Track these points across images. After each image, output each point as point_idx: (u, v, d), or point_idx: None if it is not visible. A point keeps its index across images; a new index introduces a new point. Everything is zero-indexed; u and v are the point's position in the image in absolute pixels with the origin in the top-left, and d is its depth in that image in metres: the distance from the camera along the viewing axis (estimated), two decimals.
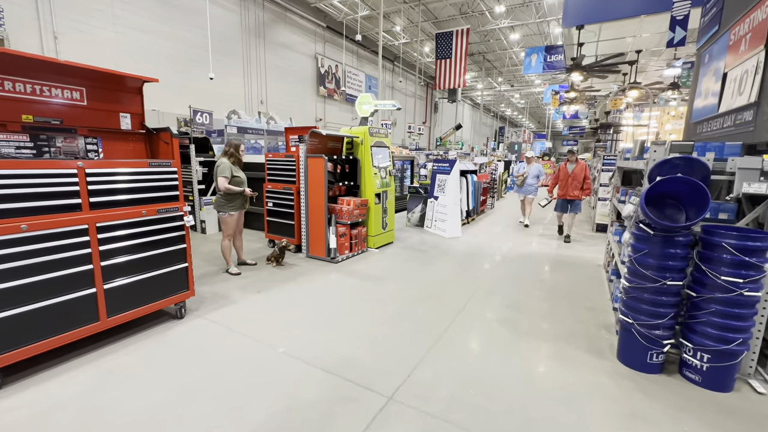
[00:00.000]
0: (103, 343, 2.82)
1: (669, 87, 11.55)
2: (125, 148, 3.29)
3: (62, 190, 2.46)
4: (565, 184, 6.54)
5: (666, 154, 2.70)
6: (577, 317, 3.51)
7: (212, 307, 3.55)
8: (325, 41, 16.81)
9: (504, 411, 2.18)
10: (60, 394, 2.23)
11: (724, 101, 3.46)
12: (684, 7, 5.02)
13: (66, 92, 2.82)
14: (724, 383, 2.40)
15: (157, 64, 10.19)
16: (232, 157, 4.36)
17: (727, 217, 2.69)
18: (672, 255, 2.47)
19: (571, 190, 6.48)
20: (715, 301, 2.36)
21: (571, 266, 5.17)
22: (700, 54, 4.38)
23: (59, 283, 2.46)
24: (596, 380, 2.51)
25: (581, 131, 30.19)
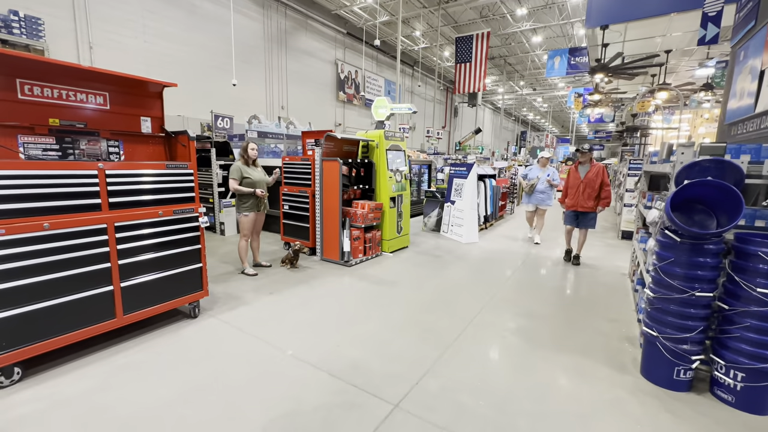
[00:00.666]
0: (119, 340, 2.90)
1: (701, 88, 10.98)
2: (145, 151, 3.40)
3: (83, 191, 2.55)
4: (576, 192, 5.15)
5: (695, 157, 2.54)
6: (598, 329, 3.34)
7: (225, 307, 3.59)
8: (345, 47, 17.03)
9: (513, 426, 2.08)
10: (70, 390, 2.29)
11: (761, 100, 3.23)
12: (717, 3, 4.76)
13: (90, 97, 2.94)
14: (761, 405, 2.20)
15: (183, 71, 10.59)
16: (243, 159, 4.45)
17: (764, 224, 2.49)
18: (701, 264, 2.30)
19: (583, 200, 5.10)
20: (750, 315, 2.18)
21: (594, 275, 4.95)
22: (734, 52, 4.13)
23: (78, 280, 2.55)
24: (616, 396, 2.36)
25: (607, 135, 29.21)
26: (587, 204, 5.10)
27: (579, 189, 5.14)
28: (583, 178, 5.09)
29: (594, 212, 5.12)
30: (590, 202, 5.09)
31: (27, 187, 2.30)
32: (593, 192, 5.05)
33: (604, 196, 5.06)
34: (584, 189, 5.08)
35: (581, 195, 5.09)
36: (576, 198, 5.16)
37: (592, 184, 5.03)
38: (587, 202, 5.10)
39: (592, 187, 5.04)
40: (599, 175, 5.02)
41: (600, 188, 5.03)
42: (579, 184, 5.16)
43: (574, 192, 5.21)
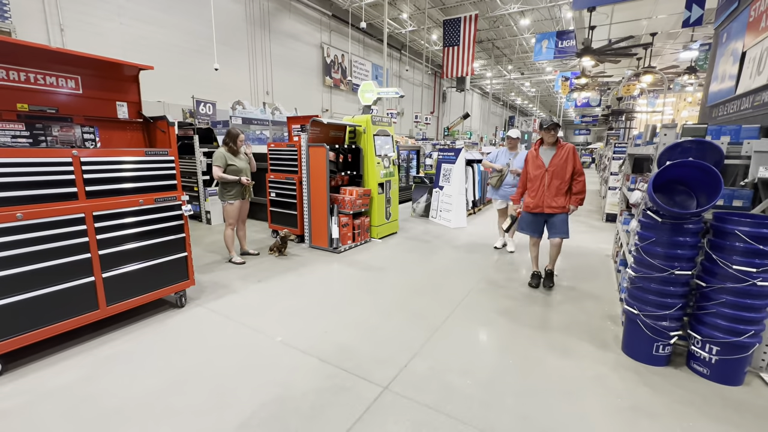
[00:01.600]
0: (103, 331, 2.85)
1: (685, 71, 11.11)
2: (123, 137, 3.28)
3: (57, 179, 2.46)
4: (539, 186, 3.68)
5: (677, 138, 2.57)
6: (582, 308, 3.42)
7: (213, 296, 3.56)
8: (330, 30, 16.61)
9: (500, 403, 2.13)
10: (56, 382, 2.25)
11: (741, 82, 3.28)
12: None
13: (61, 80, 2.81)
14: (734, 376, 2.30)
15: (163, 55, 10.20)
16: (228, 146, 4.31)
17: (742, 204, 2.56)
18: (681, 243, 2.36)
19: (550, 197, 3.64)
20: (726, 292, 2.25)
21: (578, 256, 5.05)
22: (717, 34, 4.16)
23: (57, 272, 2.48)
24: (598, 372, 2.44)
25: (594, 120, 29.52)
26: (555, 203, 3.62)
27: (543, 182, 3.65)
28: (548, 166, 3.61)
29: (565, 213, 3.67)
30: (559, 200, 3.62)
31: None
32: (563, 184, 3.60)
33: (577, 190, 3.60)
34: (550, 181, 3.60)
35: (546, 190, 3.64)
36: (540, 195, 3.67)
37: (561, 173, 3.57)
38: (555, 199, 3.62)
39: (561, 178, 3.58)
40: (569, 159, 3.56)
41: (572, 178, 3.60)
42: (542, 175, 3.64)
43: (536, 186, 3.70)
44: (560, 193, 3.64)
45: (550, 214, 3.70)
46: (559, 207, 3.65)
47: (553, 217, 3.69)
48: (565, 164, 3.59)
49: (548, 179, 3.64)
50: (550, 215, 3.70)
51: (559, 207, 3.65)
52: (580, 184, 3.63)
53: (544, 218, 3.76)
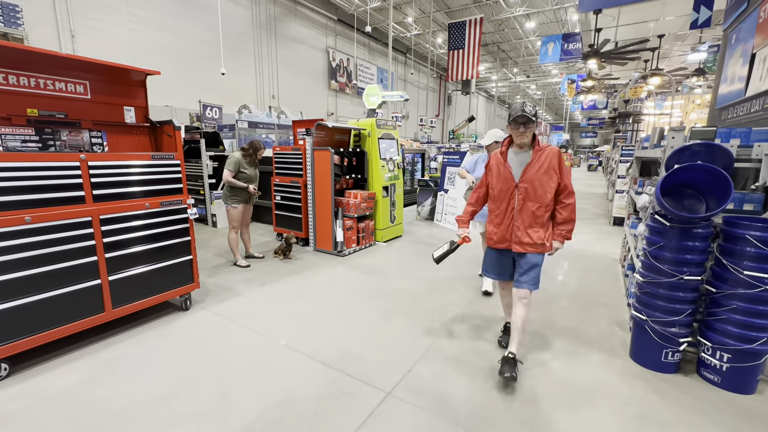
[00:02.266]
0: (109, 334, 2.87)
1: (694, 73, 10.98)
2: (130, 142, 3.31)
3: (65, 183, 2.49)
4: (506, 208, 2.47)
5: (685, 141, 2.53)
6: (589, 313, 3.38)
7: (217, 299, 3.57)
8: (336, 34, 16.71)
9: (505, 410, 2.10)
10: (60, 385, 2.26)
11: (751, 84, 3.23)
12: None
13: (69, 86, 2.85)
14: (746, 385, 2.25)
15: (171, 60, 10.34)
16: (247, 155, 4.38)
17: (753, 208, 2.51)
18: (690, 248, 2.31)
19: (520, 226, 2.42)
20: (736, 298, 2.20)
21: (585, 261, 4.99)
22: (726, 35, 4.11)
23: (64, 275, 2.50)
24: (606, 379, 2.39)
25: (601, 122, 29.28)
26: (529, 236, 2.38)
27: (510, 204, 2.42)
28: (519, 180, 2.37)
29: (541, 254, 2.42)
30: (535, 232, 2.38)
31: (6, 180, 2.23)
32: (542, 209, 2.36)
33: (564, 218, 2.40)
34: (522, 203, 2.38)
35: (517, 216, 2.40)
36: (507, 224, 2.44)
37: (539, 191, 2.34)
38: (529, 231, 2.38)
39: (538, 199, 2.35)
40: (552, 170, 2.32)
41: (555, 200, 2.40)
42: (510, 193, 2.41)
43: (501, 209, 2.46)
44: (537, 222, 2.34)
45: (522, 254, 2.42)
46: (533, 244, 2.36)
47: (524, 258, 2.41)
48: (545, 177, 2.29)
49: (519, 200, 2.35)
50: (522, 255, 2.42)
51: (533, 244, 2.36)
52: (569, 208, 2.36)
53: (511, 258, 2.52)
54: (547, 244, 2.40)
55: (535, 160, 2.34)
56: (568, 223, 2.41)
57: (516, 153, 2.43)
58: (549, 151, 2.35)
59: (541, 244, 2.39)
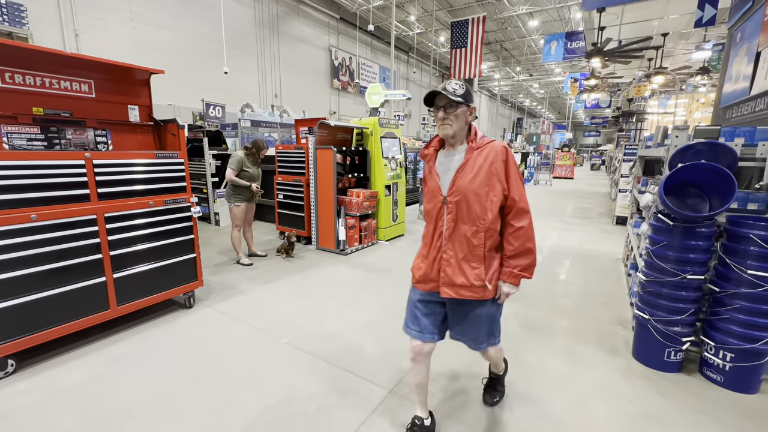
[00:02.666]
0: (113, 331, 2.89)
1: (698, 72, 10.92)
2: (134, 140, 3.33)
3: (70, 181, 2.51)
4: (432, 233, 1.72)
5: (689, 140, 2.53)
6: (591, 312, 3.37)
7: (221, 297, 3.59)
8: (338, 33, 16.71)
9: (508, 407, 2.11)
10: (65, 381, 2.29)
11: (756, 83, 3.22)
12: None
13: (75, 84, 2.87)
14: (749, 384, 2.24)
15: (174, 59, 10.37)
16: (249, 153, 4.41)
17: (757, 207, 2.49)
18: (693, 247, 2.31)
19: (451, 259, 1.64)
20: (740, 297, 2.20)
21: (588, 260, 4.98)
22: (731, 33, 4.09)
23: (70, 272, 2.52)
24: (608, 378, 2.39)
25: (604, 121, 29.16)
26: (465, 275, 1.64)
27: (437, 226, 1.70)
28: (449, 189, 1.64)
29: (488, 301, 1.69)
30: (473, 269, 1.63)
31: (12, 178, 2.25)
32: (480, 234, 1.61)
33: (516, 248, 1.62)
34: (454, 223, 1.64)
35: (447, 244, 1.66)
36: (434, 255, 1.72)
37: (476, 206, 1.60)
38: (465, 267, 1.64)
39: (473, 220, 1.61)
40: (493, 174, 1.58)
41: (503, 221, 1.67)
42: (437, 207, 1.69)
43: (429, 235, 1.76)
44: (475, 253, 1.62)
45: (456, 301, 1.70)
46: (469, 286, 1.63)
47: (461, 307, 1.72)
48: (483, 188, 1.58)
49: (448, 221, 1.64)
50: (457, 303, 1.71)
51: (469, 286, 1.63)
52: (521, 235, 1.61)
53: (442, 307, 1.78)
54: (490, 286, 1.59)
55: (468, 163, 1.56)
56: (521, 256, 1.58)
57: (446, 154, 1.66)
58: (490, 149, 1.57)
59: (481, 287, 1.58)
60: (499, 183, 1.58)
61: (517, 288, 1.65)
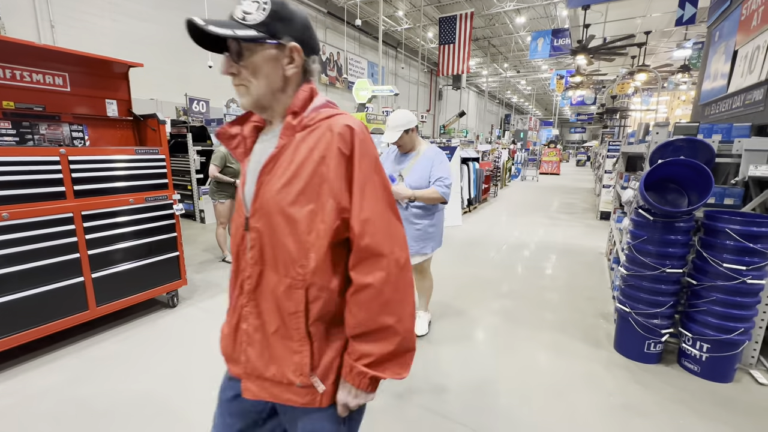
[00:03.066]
0: (94, 332, 2.82)
1: (679, 70, 11.17)
2: (112, 136, 3.23)
3: (44, 178, 2.41)
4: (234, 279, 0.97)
5: (669, 136, 2.58)
6: (575, 306, 3.44)
7: (205, 295, 3.53)
8: (326, 28, 16.51)
9: (492, 399, 2.13)
10: (42, 384, 2.22)
11: (733, 81, 3.30)
12: None
13: (48, 78, 2.76)
14: (724, 373, 2.32)
15: (155, 52, 10.09)
16: None
17: (732, 202, 2.57)
18: (672, 242, 2.37)
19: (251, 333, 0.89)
20: (716, 290, 2.27)
21: (573, 255, 5.07)
22: (710, 32, 4.18)
23: (46, 272, 2.44)
24: (590, 370, 2.44)
25: (589, 118, 29.62)
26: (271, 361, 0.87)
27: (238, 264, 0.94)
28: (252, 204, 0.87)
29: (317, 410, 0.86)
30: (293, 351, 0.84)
31: None
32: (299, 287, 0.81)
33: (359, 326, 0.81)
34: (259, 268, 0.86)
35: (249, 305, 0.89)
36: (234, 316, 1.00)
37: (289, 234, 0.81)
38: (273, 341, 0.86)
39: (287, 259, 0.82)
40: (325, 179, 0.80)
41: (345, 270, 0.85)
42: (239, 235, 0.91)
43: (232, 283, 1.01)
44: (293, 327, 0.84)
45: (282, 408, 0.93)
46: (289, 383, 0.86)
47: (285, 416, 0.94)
48: (302, 202, 0.81)
49: (251, 263, 0.88)
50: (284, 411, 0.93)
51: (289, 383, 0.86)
52: (369, 296, 0.80)
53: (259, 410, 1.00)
54: (320, 387, 0.84)
55: (282, 156, 0.86)
56: (371, 338, 0.82)
57: (263, 138, 0.96)
58: (321, 134, 0.84)
59: (305, 388, 0.85)
60: (332, 198, 0.81)
61: (367, 395, 0.85)
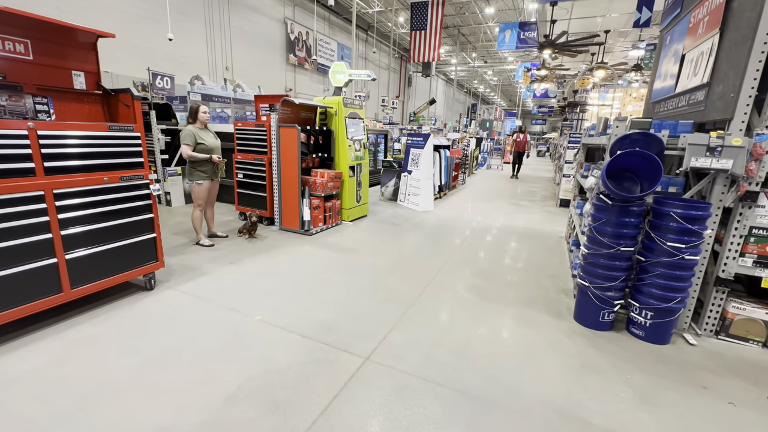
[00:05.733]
0: (68, 315, 2.72)
1: (632, 68, 12.02)
2: (80, 110, 3.05)
3: (11, 153, 2.27)
4: None
5: (626, 130, 2.87)
6: (539, 284, 3.76)
7: (183, 278, 3.48)
8: (294, 5, 15.89)
9: (470, 367, 2.35)
10: (20, 367, 2.15)
11: (680, 82, 3.68)
12: None
13: (8, 44, 2.55)
14: (663, 337, 2.70)
15: (108, 21, 9.27)
16: (194, 122, 4.17)
17: (675, 190, 2.93)
18: (626, 223, 2.68)
19: None
20: (660, 265, 2.61)
21: (535, 238, 5.46)
22: (662, 36, 4.58)
23: (16, 253, 2.32)
24: (554, 337, 2.74)
25: (549, 110, 31.02)
26: None
27: None
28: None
29: None
30: None
31: None
32: None
33: None
34: None
35: None
36: None
37: None
38: None
39: None
40: None
41: None
42: None
43: None
44: None
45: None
46: None
47: None
48: None
49: None
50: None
51: None
52: None
53: None
54: None
55: None
56: None
57: None
58: None
59: None
60: None
61: None
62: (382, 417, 1.91)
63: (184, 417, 1.84)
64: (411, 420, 1.89)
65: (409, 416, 1.92)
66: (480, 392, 2.12)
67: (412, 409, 1.97)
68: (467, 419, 1.92)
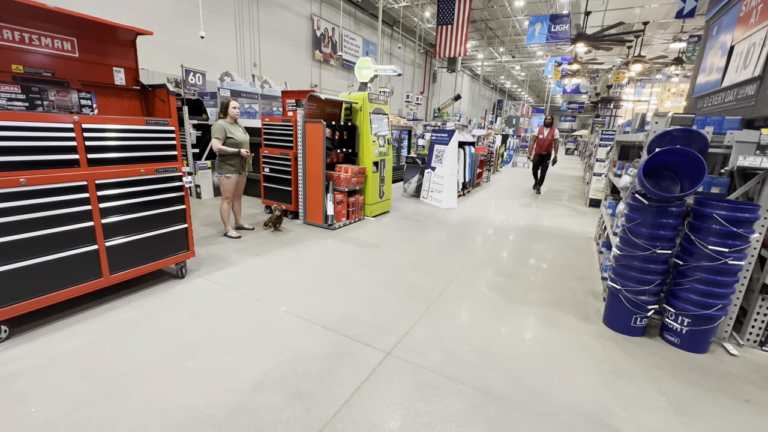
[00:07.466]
0: (106, 299, 2.88)
1: (672, 62, 11.36)
2: (119, 105, 3.20)
3: (59, 145, 2.42)
4: None
5: (667, 126, 2.72)
6: (566, 285, 3.65)
7: (212, 268, 3.60)
8: (321, 1, 16.00)
9: (494, 366, 2.32)
10: (65, 346, 2.30)
11: (728, 75, 3.45)
12: None
13: (57, 42, 2.70)
14: (701, 345, 2.56)
15: (144, 19, 9.66)
16: (225, 116, 4.31)
17: (719, 191, 2.76)
18: (664, 225, 2.55)
19: None
20: (700, 269, 2.47)
21: (562, 238, 5.29)
22: (708, 26, 4.30)
23: (61, 239, 2.47)
24: (581, 341, 2.65)
25: (580, 107, 29.87)
26: None
27: None
28: None
29: None
30: None
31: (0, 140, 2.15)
32: None
33: None
34: None
35: None
36: None
37: None
38: None
39: None
40: None
41: None
42: None
43: None
44: None
45: None
46: None
47: None
48: None
49: None
50: None
51: None
52: None
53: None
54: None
55: None
56: None
57: None
58: None
59: None
60: None
61: None
62: (403, 412, 1.91)
63: (213, 400, 1.91)
64: (432, 416, 1.89)
65: (431, 412, 1.91)
66: (503, 393, 2.09)
67: (434, 405, 1.96)
68: (490, 419, 1.89)
